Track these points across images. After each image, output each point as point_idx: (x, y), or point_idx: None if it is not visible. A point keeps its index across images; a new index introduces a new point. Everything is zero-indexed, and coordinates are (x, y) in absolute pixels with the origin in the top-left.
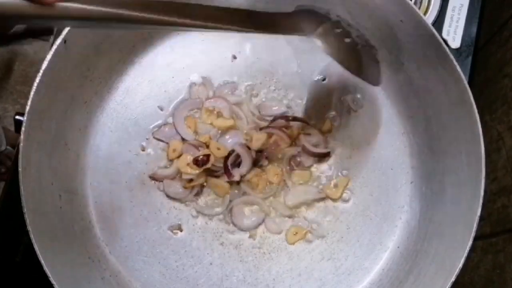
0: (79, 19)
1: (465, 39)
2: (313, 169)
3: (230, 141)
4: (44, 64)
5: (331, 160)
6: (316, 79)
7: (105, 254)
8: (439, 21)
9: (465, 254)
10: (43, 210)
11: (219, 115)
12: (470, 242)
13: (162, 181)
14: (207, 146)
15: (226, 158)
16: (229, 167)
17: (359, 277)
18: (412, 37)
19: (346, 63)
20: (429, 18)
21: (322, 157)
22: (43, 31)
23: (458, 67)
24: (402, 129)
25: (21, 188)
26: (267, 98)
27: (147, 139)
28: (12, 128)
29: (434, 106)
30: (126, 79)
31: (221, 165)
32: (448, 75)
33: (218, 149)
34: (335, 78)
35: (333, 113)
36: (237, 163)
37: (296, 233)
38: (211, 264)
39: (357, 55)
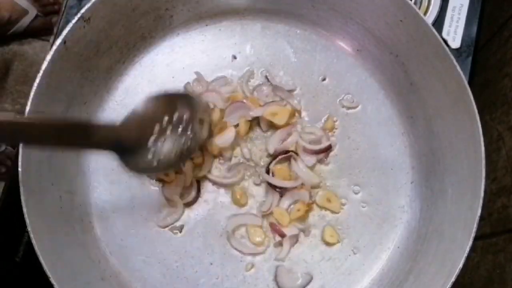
0: None
1: (465, 39)
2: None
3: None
4: (44, 64)
5: (330, 160)
6: (316, 79)
7: (105, 254)
8: (439, 21)
9: (465, 254)
10: (43, 210)
11: (214, 109)
12: (470, 242)
13: (161, 182)
14: None
15: None
16: None
17: (359, 277)
18: (412, 37)
19: None
20: (429, 18)
21: (323, 152)
22: (43, 31)
23: (458, 67)
24: (402, 129)
25: (21, 188)
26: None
27: None
28: None
29: (434, 106)
30: (126, 79)
31: None
32: (448, 75)
33: None
34: (335, 78)
35: (333, 113)
36: None
37: None
38: (211, 264)
39: None
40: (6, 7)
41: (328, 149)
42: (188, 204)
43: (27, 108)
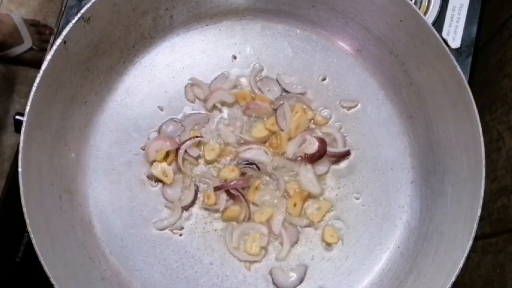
0: None
1: (465, 39)
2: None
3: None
4: (44, 64)
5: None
6: (316, 79)
7: (105, 254)
8: (439, 21)
9: (465, 254)
10: (43, 210)
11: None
12: (470, 242)
13: (159, 181)
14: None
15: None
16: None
17: (359, 277)
18: (412, 37)
19: None
20: (429, 18)
21: (341, 157)
22: (32, 64)
23: (458, 67)
24: (402, 129)
25: (21, 188)
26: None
27: (148, 139)
28: (12, 128)
29: (434, 106)
30: (126, 79)
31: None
32: (448, 75)
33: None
34: (335, 78)
35: (333, 113)
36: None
37: None
38: (211, 264)
39: None
40: (4, 31)
41: (346, 155)
42: (186, 207)
43: (27, 108)
